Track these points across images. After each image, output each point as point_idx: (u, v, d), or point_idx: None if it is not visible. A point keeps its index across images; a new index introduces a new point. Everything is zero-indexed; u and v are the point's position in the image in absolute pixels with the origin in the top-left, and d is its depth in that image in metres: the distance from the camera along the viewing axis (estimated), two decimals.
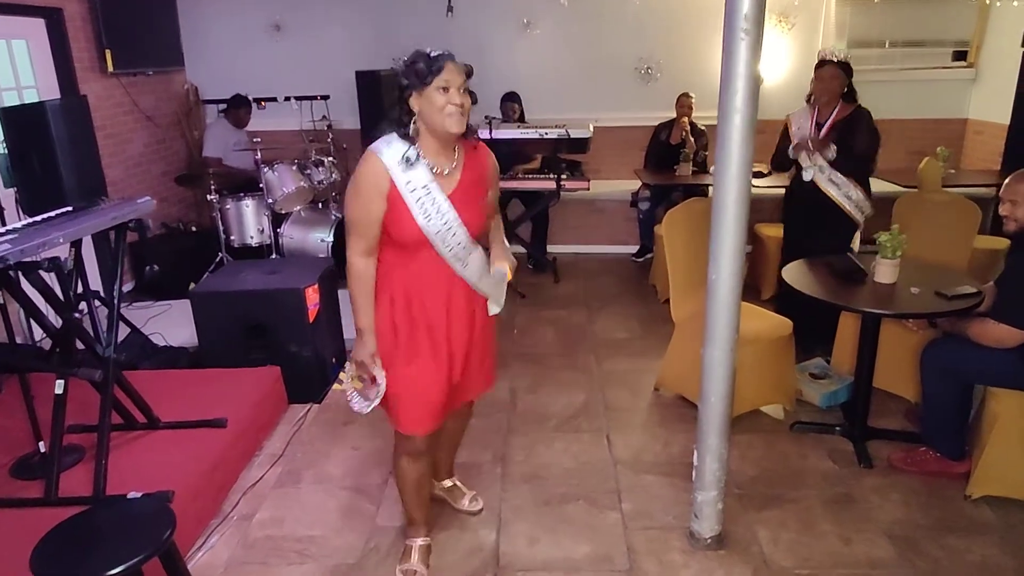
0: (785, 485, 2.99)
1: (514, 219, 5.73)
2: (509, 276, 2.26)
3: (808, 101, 3.97)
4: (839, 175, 3.82)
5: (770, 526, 2.73)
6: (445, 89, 1.98)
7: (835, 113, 3.84)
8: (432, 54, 2.00)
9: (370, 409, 2.22)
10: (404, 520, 2.64)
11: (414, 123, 2.05)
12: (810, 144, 3.82)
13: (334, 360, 3.96)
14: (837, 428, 3.34)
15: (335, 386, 2.22)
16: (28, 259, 2.41)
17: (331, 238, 5.32)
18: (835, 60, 3.78)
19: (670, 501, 2.89)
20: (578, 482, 3.05)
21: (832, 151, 3.78)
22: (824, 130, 3.85)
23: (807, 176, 3.88)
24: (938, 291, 2.99)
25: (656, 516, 2.81)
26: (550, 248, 6.17)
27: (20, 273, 2.48)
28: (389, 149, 2.06)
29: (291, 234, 5.40)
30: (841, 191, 3.83)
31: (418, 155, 2.05)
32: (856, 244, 3.98)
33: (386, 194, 2.05)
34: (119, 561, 1.72)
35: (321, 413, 3.65)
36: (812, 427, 3.39)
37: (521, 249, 5.95)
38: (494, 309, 2.37)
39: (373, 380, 2.17)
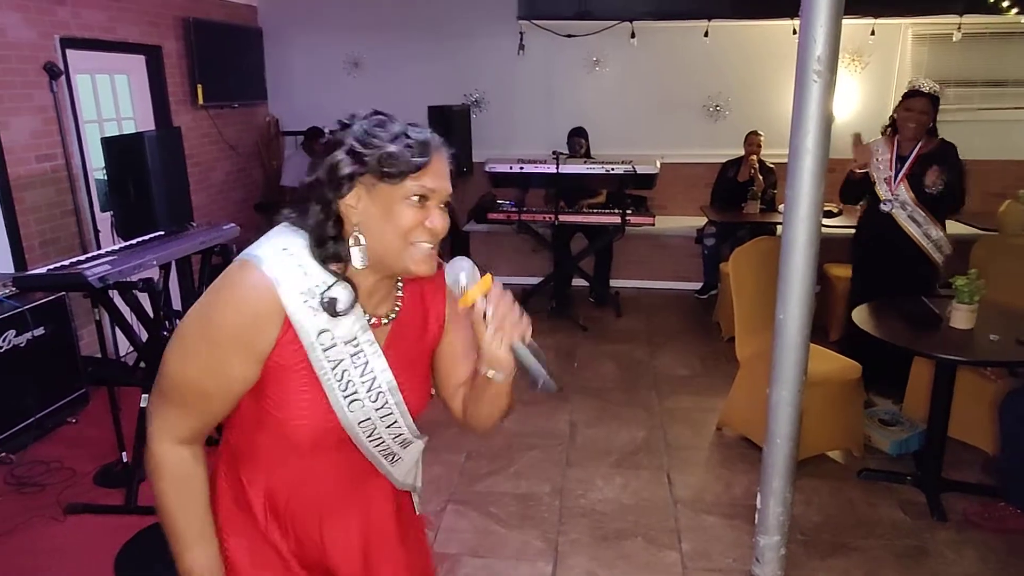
0: (852, 534, 2.90)
1: (578, 253, 5.79)
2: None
3: (884, 132, 3.77)
4: (920, 212, 3.62)
5: (835, 575, 2.65)
6: (422, 200, 1.10)
7: (920, 147, 3.63)
8: (410, 132, 1.13)
9: None
10: None
11: (347, 239, 1.13)
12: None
13: None
14: (908, 477, 3.23)
15: None
16: (124, 279, 2.58)
17: None
18: (928, 91, 3.58)
19: (730, 543, 2.85)
20: (636, 519, 3.02)
21: (940, 183, 3.50)
22: (908, 164, 3.64)
23: (885, 208, 3.68)
24: (1020, 339, 2.88)
25: (715, 558, 2.77)
26: (613, 282, 6.17)
27: (116, 292, 2.66)
28: (293, 275, 1.10)
29: None
30: (921, 229, 3.64)
31: (354, 299, 1.14)
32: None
33: (266, 353, 1.11)
34: None
35: None
36: (881, 475, 3.28)
37: (584, 282, 6.00)
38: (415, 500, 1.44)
39: None
